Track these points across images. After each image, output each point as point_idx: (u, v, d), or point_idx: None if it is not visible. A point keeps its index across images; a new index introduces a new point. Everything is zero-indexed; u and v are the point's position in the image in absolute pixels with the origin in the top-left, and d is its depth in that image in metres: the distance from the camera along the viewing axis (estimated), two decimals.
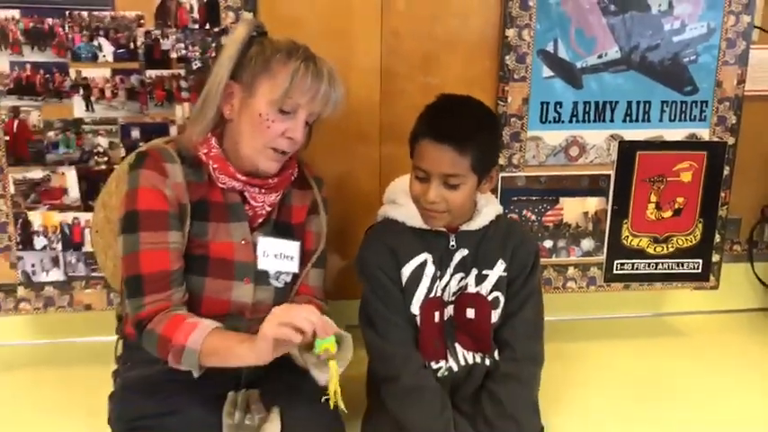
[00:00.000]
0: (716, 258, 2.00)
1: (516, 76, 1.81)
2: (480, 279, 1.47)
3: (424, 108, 1.43)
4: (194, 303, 1.36)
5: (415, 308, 1.45)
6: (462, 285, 1.48)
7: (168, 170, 1.34)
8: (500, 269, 1.48)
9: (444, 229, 1.46)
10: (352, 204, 1.81)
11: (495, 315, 1.48)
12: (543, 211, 1.92)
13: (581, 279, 1.98)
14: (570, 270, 1.97)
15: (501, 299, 1.48)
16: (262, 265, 1.41)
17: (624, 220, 1.94)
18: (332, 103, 1.38)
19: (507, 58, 1.79)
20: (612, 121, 1.87)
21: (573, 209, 1.93)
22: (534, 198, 1.90)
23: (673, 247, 1.97)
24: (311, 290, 1.48)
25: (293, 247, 1.45)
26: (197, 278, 1.37)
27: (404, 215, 1.46)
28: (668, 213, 1.95)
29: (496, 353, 1.49)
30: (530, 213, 1.91)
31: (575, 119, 1.86)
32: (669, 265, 1.99)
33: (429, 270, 1.45)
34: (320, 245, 1.49)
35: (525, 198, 1.90)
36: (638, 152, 1.90)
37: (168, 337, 1.26)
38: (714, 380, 1.86)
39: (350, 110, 1.73)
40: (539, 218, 1.92)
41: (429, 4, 1.79)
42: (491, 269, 1.48)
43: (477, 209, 1.49)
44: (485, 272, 1.48)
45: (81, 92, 1.67)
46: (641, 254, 1.97)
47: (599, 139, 1.89)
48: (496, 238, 1.49)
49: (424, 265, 1.45)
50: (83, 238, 1.74)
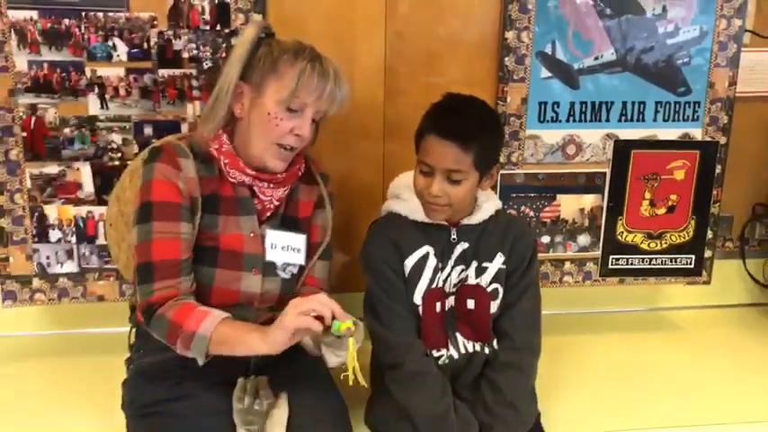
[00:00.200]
0: (708, 254, 2.03)
1: (515, 77, 1.84)
2: (480, 271, 1.51)
3: (431, 106, 1.46)
4: (205, 293, 1.40)
5: (417, 298, 1.49)
6: (463, 277, 1.52)
7: (182, 164, 1.38)
8: (499, 262, 1.51)
9: (446, 222, 1.49)
10: (357, 199, 1.84)
11: (494, 306, 1.52)
12: (541, 207, 1.95)
13: (577, 273, 2.01)
14: (567, 265, 2.00)
15: (500, 290, 1.52)
16: (269, 256, 1.45)
17: (619, 217, 1.97)
18: (338, 102, 1.41)
19: (507, 59, 1.83)
20: (608, 120, 1.90)
21: (570, 205, 1.96)
22: (532, 195, 1.93)
23: (666, 243, 2.01)
24: (317, 281, 1.52)
25: (300, 240, 1.49)
26: (208, 269, 1.40)
27: (407, 209, 1.50)
28: (662, 210, 1.98)
29: (495, 342, 1.53)
30: (528, 209, 1.94)
31: (572, 118, 1.89)
32: (663, 261, 2.02)
33: (431, 262, 1.48)
34: (326, 238, 1.53)
35: (524, 195, 1.93)
36: (632, 151, 1.93)
37: (179, 323, 1.29)
38: (706, 371, 1.89)
39: (354, 108, 1.75)
40: (537, 214, 1.95)
41: (431, 6, 1.82)
42: (490, 262, 1.51)
43: (478, 204, 1.52)
44: (484, 264, 1.51)
45: (96, 90, 1.70)
46: (636, 249, 2.00)
47: (595, 138, 1.92)
48: (496, 233, 1.52)
49: (426, 258, 1.48)
50: (96, 231, 1.77)
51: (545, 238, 1.97)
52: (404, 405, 1.45)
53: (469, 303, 1.52)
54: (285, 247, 1.46)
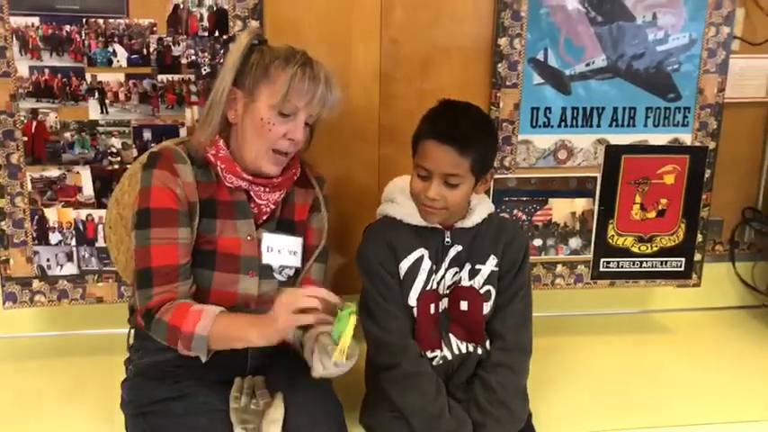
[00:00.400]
0: (698, 257, 2.05)
1: (508, 83, 1.86)
2: (473, 273, 1.53)
3: (428, 111, 1.49)
4: (203, 295, 1.42)
5: (412, 300, 1.51)
6: (456, 279, 1.54)
7: (179, 170, 1.40)
8: (492, 264, 1.54)
9: (440, 226, 1.51)
10: (352, 203, 1.85)
11: (487, 307, 1.54)
12: (533, 211, 1.97)
13: (569, 276, 2.03)
14: (559, 267, 2.02)
15: (492, 292, 1.54)
16: (266, 259, 1.47)
17: (610, 220, 1.99)
18: (329, 105, 1.43)
19: (499, 65, 1.85)
20: (599, 126, 1.93)
21: (561, 209, 1.98)
22: (525, 198, 1.96)
23: (657, 247, 2.02)
24: (313, 283, 1.53)
25: (296, 243, 1.51)
26: (206, 272, 1.42)
27: (402, 213, 1.52)
28: (652, 214, 2.00)
29: (488, 343, 1.55)
30: (520, 213, 1.96)
31: (563, 124, 1.91)
32: (653, 264, 2.04)
33: (425, 265, 1.51)
34: (322, 240, 1.55)
35: (516, 198, 1.95)
36: (623, 155, 1.95)
37: (177, 326, 1.32)
38: (696, 373, 1.91)
39: (350, 112, 1.79)
40: (529, 217, 1.97)
41: (426, 13, 1.84)
42: (483, 264, 1.53)
43: (471, 207, 1.54)
44: (477, 266, 1.53)
45: (96, 95, 1.71)
46: (626, 252, 2.02)
47: (586, 143, 1.94)
48: (489, 235, 1.55)
49: (420, 260, 1.51)
50: (96, 233, 1.78)
51: (537, 242, 1.99)
52: (399, 405, 1.47)
53: (463, 305, 1.54)
54: (281, 250, 1.48)
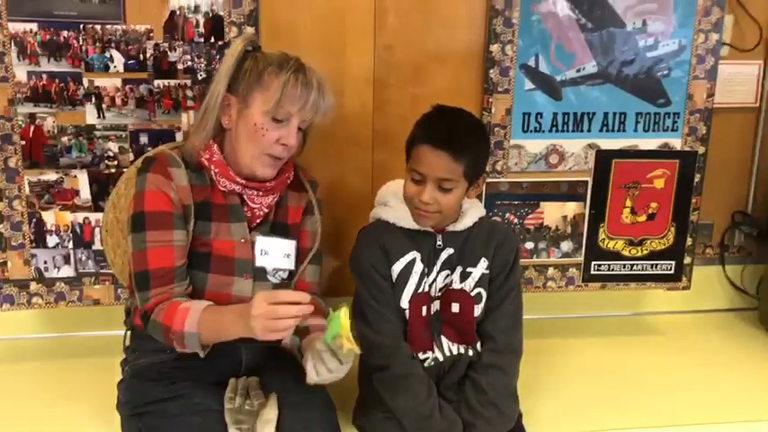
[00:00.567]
0: (687, 260, 2.07)
1: (500, 89, 1.88)
2: (464, 276, 1.56)
3: (422, 116, 1.51)
4: (198, 297, 1.43)
5: (404, 302, 1.53)
6: (448, 282, 1.56)
7: (173, 174, 1.42)
8: (483, 267, 1.56)
9: (432, 229, 1.53)
10: (346, 207, 1.87)
11: (478, 309, 1.56)
12: (525, 214, 1.99)
13: (560, 279, 2.05)
14: (550, 270, 2.04)
15: (483, 294, 1.56)
16: (259, 262, 1.49)
17: (601, 224, 2.01)
18: (322, 111, 1.45)
19: (491, 71, 1.87)
20: (590, 131, 1.95)
21: (553, 213, 2.00)
22: (516, 202, 1.97)
23: (647, 250, 2.05)
24: (308, 285, 1.55)
25: (289, 246, 1.53)
26: (201, 274, 1.44)
27: (394, 216, 1.54)
28: (642, 218, 2.02)
29: (479, 344, 1.57)
30: (512, 217, 1.98)
31: (554, 129, 1.93)
32: (643, 267, 2.06)
33: (417, 267, 1.53)
34: (315, 243, 1.57)
35: (508, 202, 1.97)
36: (613, 160, 1.97)
37: (168, 326, 1.34)
38: (685, 373, 1.92)
39: (344, 118, 1.82)
40: (521, 221, 1.99)
41: (419, 20, 1.86)
42: (474, 267, 1.55)
43: (463, 211, 1.56)
44: (468, 269, 1.56)
45: (93, 100, 1.73)
46: (617, 255, 2.04)
47: (577, 148, 1.96)
48: (480, 239, 1.57)
49: (413, 263, 1.53)
50: (93, 236, 1.79)
51: (529, 245, 2.01)
52: (391, 406, 1.49)
53: (454, 307, 1.56)
54: (274, 253, 1.49)
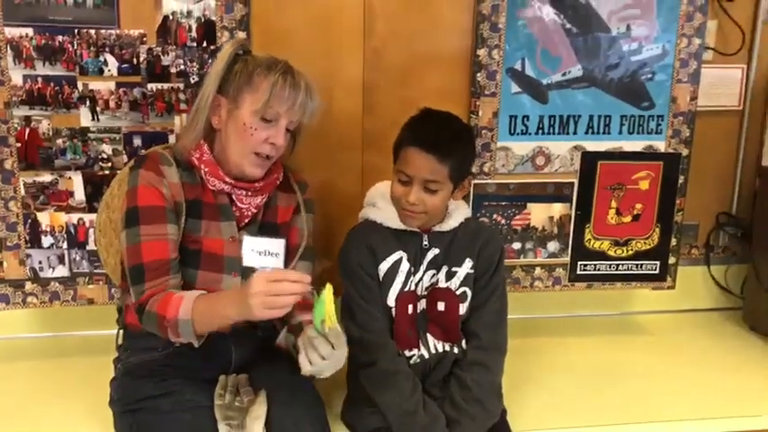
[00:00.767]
0: (672, 260, 2.10)
1: (487, 92, 1.91)
2: (450, 275, 1.58)
3: (410, 119, 1.54)
4: None
5: (391, 301, 1.56)
6: (434, 281, 1.59)
7: (165, 171, 1.45)
8: (468, 266, 1.59)
9: (418, 229, 1.56)
10: (337, 207, 1.89)
11: (463, 308, 1.59)
12: (512, 215, 2.02)
13: (547, 279, 2.07)
14: (537, 270, 2.07)
15: (468, 293, 1.59)
16: (247, 261, 1.50)
17: (587, 225, 2.04)
18: (309, 112, 1.49)
19: (479, 75, 1.90)
20: (576, 133, 1.98)
21: (539, 214, 2.03)
22: (504, 203, 2.00)
23: (632, 250, 2.07)
24: None
25: (278, 245, 1.54)
26: (191, 270, 1.47)
27: (382, 217, 1.57)
28: (628, 218, 2.05)
29: (464, 342, 1.60)
30: (500, 218, 2.01)
31: (541, 131, 1.96)
32: (629, 267, 2.08)
33: (404, 267, 1.56)
34: (304, 239, 1.59)
35: (495, 203, 2.00)
36: (599, 162, 2.00)
37: (163, 315, 1.36)
38: (670, 371, 1.94)
39: (335, 120, 1.85)
40: (508, 222, 2.02)
41: (407, 25, 1.89)
42: (459, 266, 1.58)
43: (449, 212, 1.59)
44: (454, 269, 1.58)
45: (87, 103, 1.76)
46: (603, 256, 2.07)
47: (563, 150, 1.99)
48: (465, 239, 1.60)
49: (399, 263, 1.55)
50: (87, 237, 1.82)
51: (516, 245, 2.04)
52: (376, 401, 1.52)
53: (440, 306, 1.59)
54: (263, 252, 1.51)
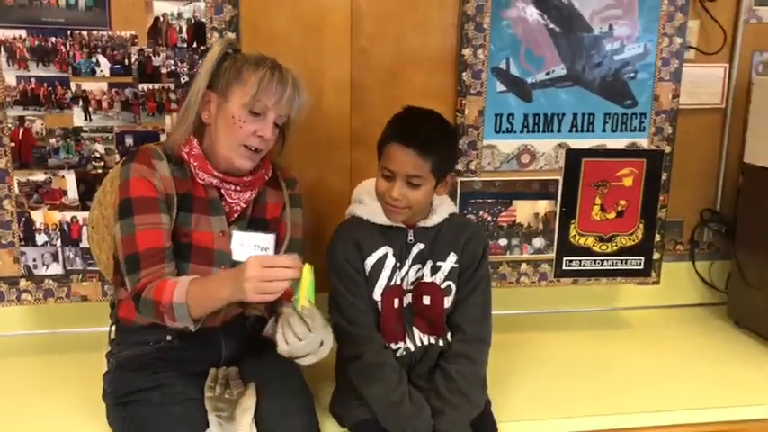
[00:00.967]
0: (656, 256, 2.13)
1: (473, 91, 1.95)
2: (435, 270, 1.62)
3: (393, 117, 1.58)
4: None
5: (377, 295, 1.59)
6: (419, 275, 1.62)
7: (156, 165, 1.48)
8: (452, 261, 1.62)
9: (403, 225, 1.60)
10: (326, 205, 1.91)
11: (448, 301, 1.62)
12: (498, 212, 2.05)
13: (533, 274, 2.10)
14: (523, 266, 2.10)
15: (453, 287, 1.62)
16: (236, 256, 1.52)
17: (572, 221, 2.07)
18: (296, 106, 1.52)
19: (464, 74, 1.93)
20: (560, 131, 2.01)
21: (525, 210, 2.06)
22: (490, 201, 2.03)
23: (617, 246, 2.10)
24: None
25: (267, 240, 1.57)
26: (182, 263, 1.49)
27: (368, 213, 1.60)
28: (612, 215, 2.08)
29: (449, 335, 1.63)
30: (486, 214, 2.04)
31: (526, 129, 1.99)
32: (613, 262, 2.12)
33: (390, 261, 1.59)
34: (293, 232, 1.62)
35: (482, 200, 2.03)
36: (583, 159, 2.03)
37: (158, 300, 1.38)
38: (655, 364, 1.97)
39: (323, 119, 1.89)
40: (494, 218, 2.04)
41: (394, 25, 1.93)
42: (444, 261, 1.62)
43: (433, 208, 1.63)
44: (438, 263, 1.62)
45: (80, 103, 1.78)
46: (588, 252, 2.10)
47: (548, 148, 2.02)
48: (449, 234, 1.63)
49: (385, 257, 1.59)
50: (80, 235, 1.84)
51: (502, 241, 2.07)
52: (363, 393, 1.55)
53: (425, 299, 1.62)
54: (252, 247, 1.54)
